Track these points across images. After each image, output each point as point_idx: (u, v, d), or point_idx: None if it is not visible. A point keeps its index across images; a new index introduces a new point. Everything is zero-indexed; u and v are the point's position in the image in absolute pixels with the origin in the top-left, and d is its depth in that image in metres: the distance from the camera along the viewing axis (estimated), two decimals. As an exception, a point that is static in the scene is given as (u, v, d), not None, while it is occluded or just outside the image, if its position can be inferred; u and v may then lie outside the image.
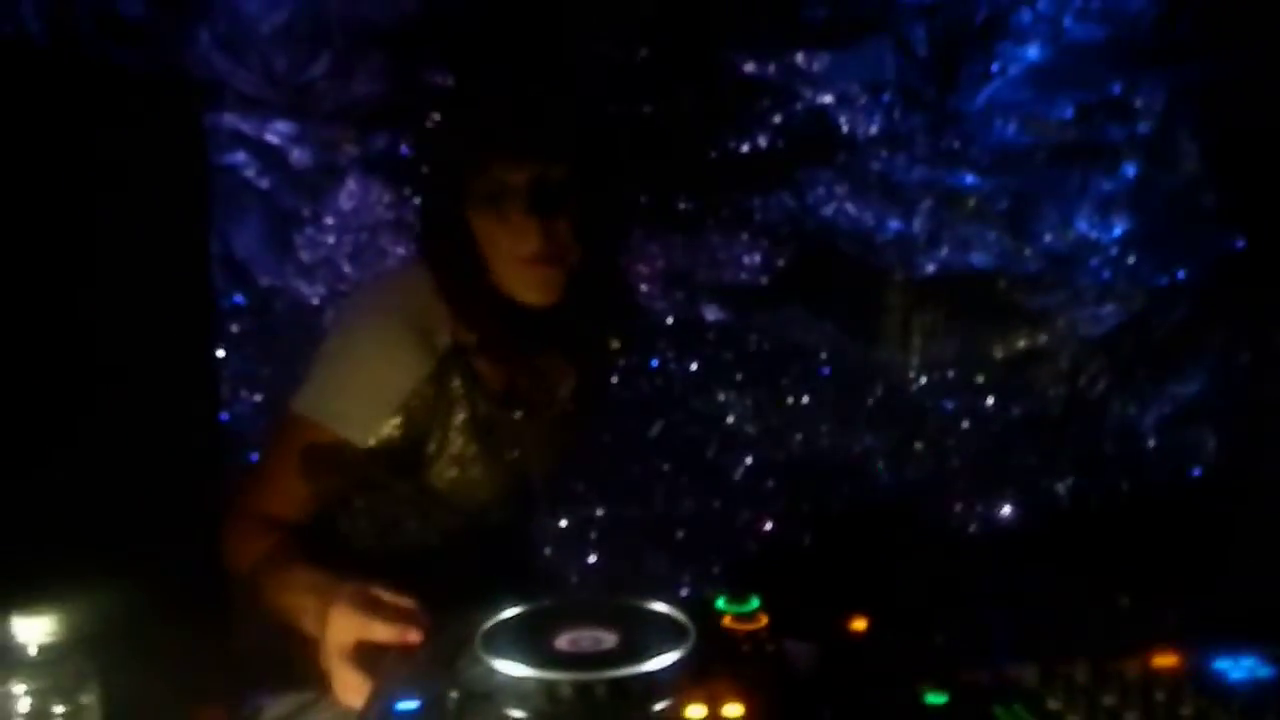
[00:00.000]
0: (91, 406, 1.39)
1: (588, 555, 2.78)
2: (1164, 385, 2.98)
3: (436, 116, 1.44)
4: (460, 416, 1.33)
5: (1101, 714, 0.85)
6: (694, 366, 2.84)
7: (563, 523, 2.79)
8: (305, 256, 2.66)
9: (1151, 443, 2.91)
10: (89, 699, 0.87)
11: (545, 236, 1.24)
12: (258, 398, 2.65)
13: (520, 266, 1.27)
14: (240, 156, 2.62)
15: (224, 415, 2.60)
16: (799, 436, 2.86)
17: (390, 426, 1.28)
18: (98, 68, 1.93)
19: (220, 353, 2.57)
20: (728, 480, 2.86)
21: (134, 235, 1.49)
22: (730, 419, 2.88)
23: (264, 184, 2.64)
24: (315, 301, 2.66)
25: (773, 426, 2.86)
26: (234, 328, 2.63)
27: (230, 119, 2.60)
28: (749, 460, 2.87)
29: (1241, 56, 2.82)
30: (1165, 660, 0.96)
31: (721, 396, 2.86)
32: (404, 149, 2.70)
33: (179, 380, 1.60)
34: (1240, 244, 2.90)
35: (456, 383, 1.32)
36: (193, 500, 1.53)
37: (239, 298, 2.64)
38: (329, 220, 2.67)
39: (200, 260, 1.71)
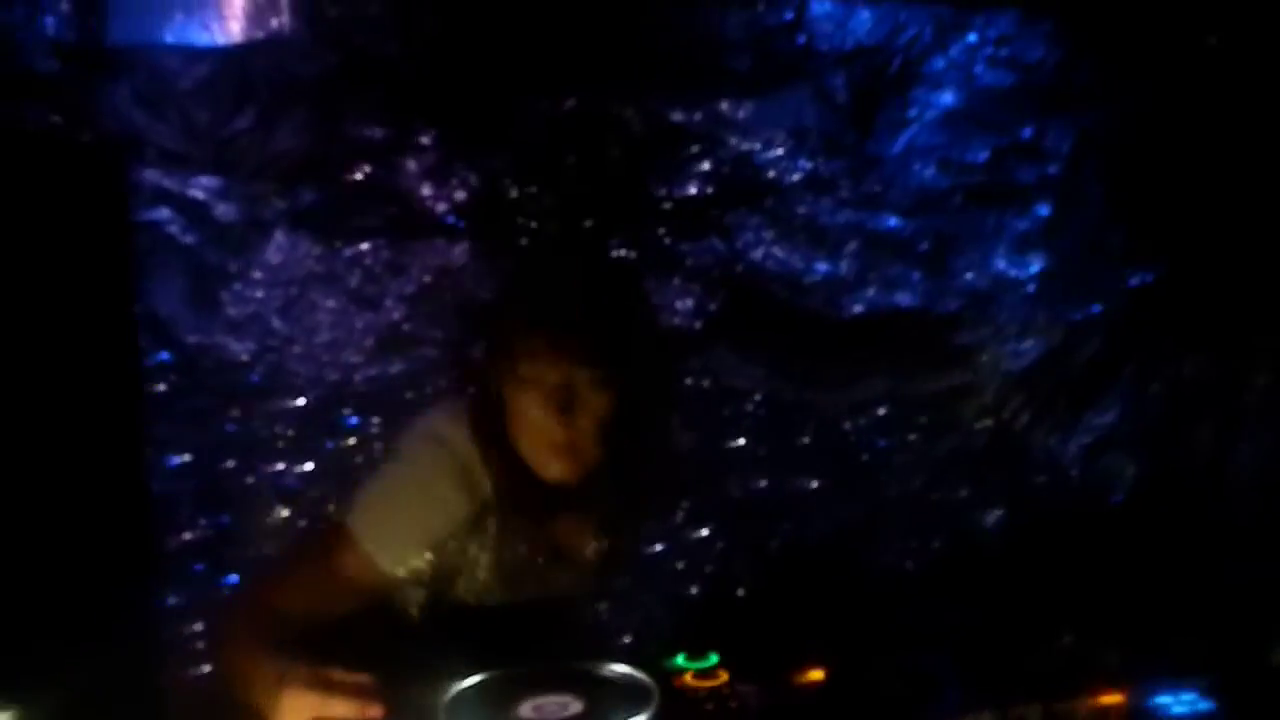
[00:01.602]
0: (10, 478, 1.35)
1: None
2: (1083, 416, 3.08)
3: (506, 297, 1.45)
4: (487, 559, 1.36)
5: (1056, 756, 0.87)
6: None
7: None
8: (233, 312, 2.61)
9: (1074, 472, 3.00)
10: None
11: (568, 430, 1.27)
12: (186, 457, 2.58)
13: (544, 451, 1.30)
14: (164, 213, 2.56)
15: (150, 476, 2.53)
16: (734, 479, 2.89)
17: (422, 562, 1.31)
18: (11, 127, 1.89)
19: (145, 411, 2.50)
20: (665, 525, 2.87)
21: (53, 295, 1.45)
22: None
23: (188, 240, 2.59)
24: (244, 358, 2.61)
25: (709, 470, 2.88)
26: (160, 387, 2.56)
27: (152, 175, 2.55)
28: (685, 504, 2.89)
29: (1142, 100, 2.96)
30: (1111, 699, 0.99)
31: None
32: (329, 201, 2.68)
33: (103, 447, 1.56)
34: (1149, 278, 3.03)
35: (490, 531, 1.35)
36: (121, 565, 1.48)
37: (164, 355, 2.57)
38: (256, 275, 2.63)
39: (124, 319, 1.67)
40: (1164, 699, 0.98)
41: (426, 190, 2.76)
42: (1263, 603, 1.20)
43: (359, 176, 2.71)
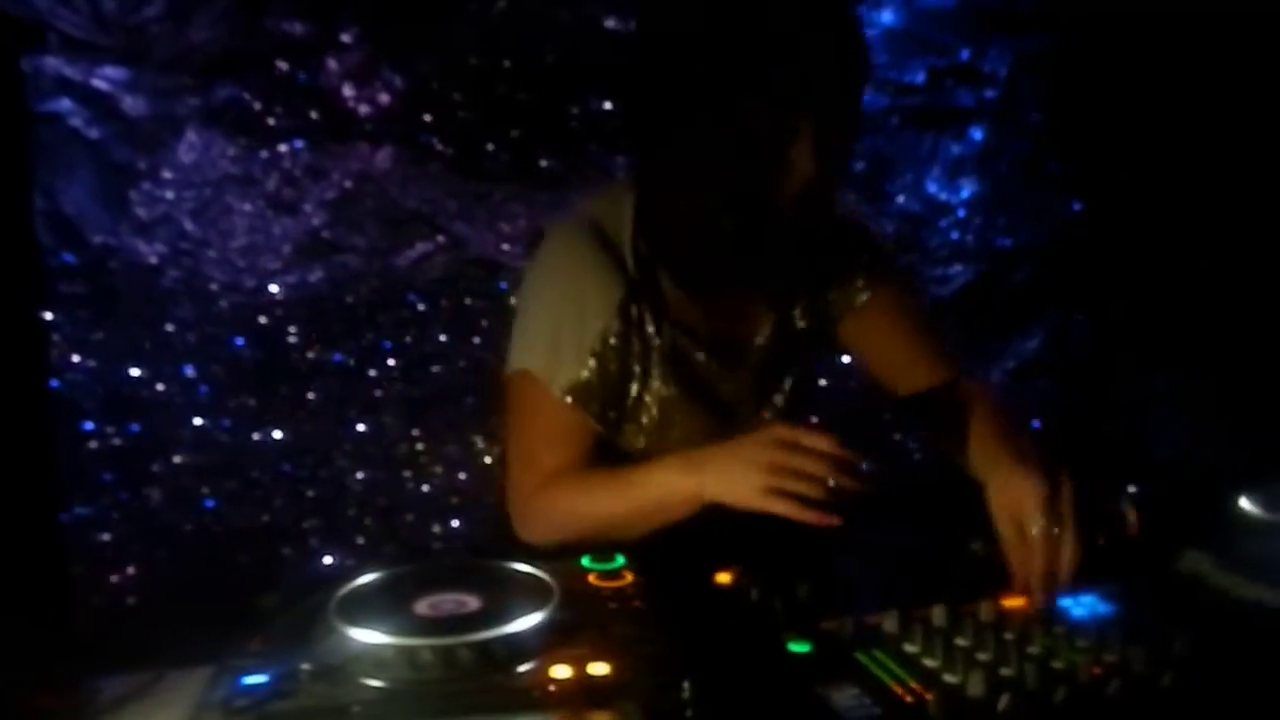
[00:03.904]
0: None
1: (450, 520, 2.73)
2: (1009, 342, 3.11)
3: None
4: (654, 351, 1.28)
5: (956, 654, 0.87)
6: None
7: (425, 488, 2.74)
8: (142, 213, 2.49)
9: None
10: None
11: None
12: (92, 363, 2.48)
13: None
14: (65, 104, 2.42)
15: (54, 382, 2.44)
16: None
17: (588, 370, 1.24)
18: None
19: (49, 315, 2.40)
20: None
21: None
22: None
23: (94, 134, 2.46)
24: (154, 261, 2.51)
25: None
26: (64, 288, 2.45)
27: (54, 63, 2.40)
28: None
29: (1082, 29, 2.94)
30: (1015, 602, 1.00)
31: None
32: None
33: (3, 346, 1.48)
34: (1079, 208, 3.04)
35: (647, 313, 1.26)
36: (24, 476, 1.42)
37: (69, 256, 2.45)
38: (167, 175, 2.51)
39: (22, 215, 1.58)
40: (1065, 602, 0.99)
41: (349, 91, 2.65)
42: (1172, 517, 1.21)
43: (278, 74, 2.59)
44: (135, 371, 2.52)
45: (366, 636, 0.84)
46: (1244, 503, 1.17)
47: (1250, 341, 2.87)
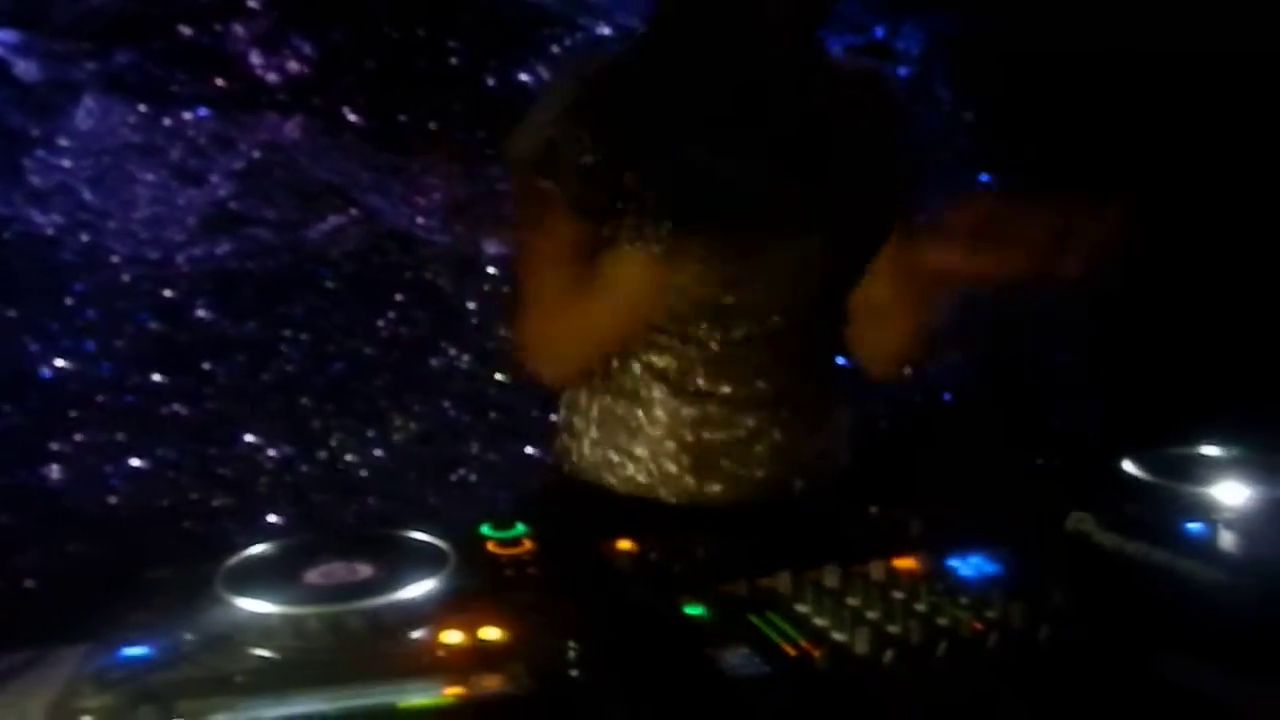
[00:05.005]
0: None
1: (366, 494, 2.70)
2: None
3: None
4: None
5: (846, 613, 0.89)
6: (472, 304, 2.78)
7: (339, 465, 2.70)
8: (37, 181, 2.41)
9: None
10: None
11: None
12: (-14, 338, 2.40)
13: None
14: (-47, 67, 2.33)
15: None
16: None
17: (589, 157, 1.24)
18: None
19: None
20: (508, 413, 2.84)
21: None
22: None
23: (-16, 99, 2.37)
24: (50, 232, 2.42)
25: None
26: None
27: (-60, 24, 2.30)
28: (528, 389, 2.86)
29: (993, 9, 2.99)
30: (905, 563, 1.02)
31: (504, 332, 2.82)
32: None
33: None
34: (989, 183, 3.11)
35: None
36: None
37: (-42, 226, 2.36)
38: (64, 142, 2.42)
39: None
40: (954, 562, 1.01)
41: (257, 59, 2.58)
42: (1063, 481, 1.25)
43: (182, 39, 2.51)
44: (33, 347, 2.44)
45: (253, 606, 0.82)
46: (1127, 465, 1.21)
47: (1142, 317, 2.96)
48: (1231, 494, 1.12)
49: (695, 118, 1.27)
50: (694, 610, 0.92)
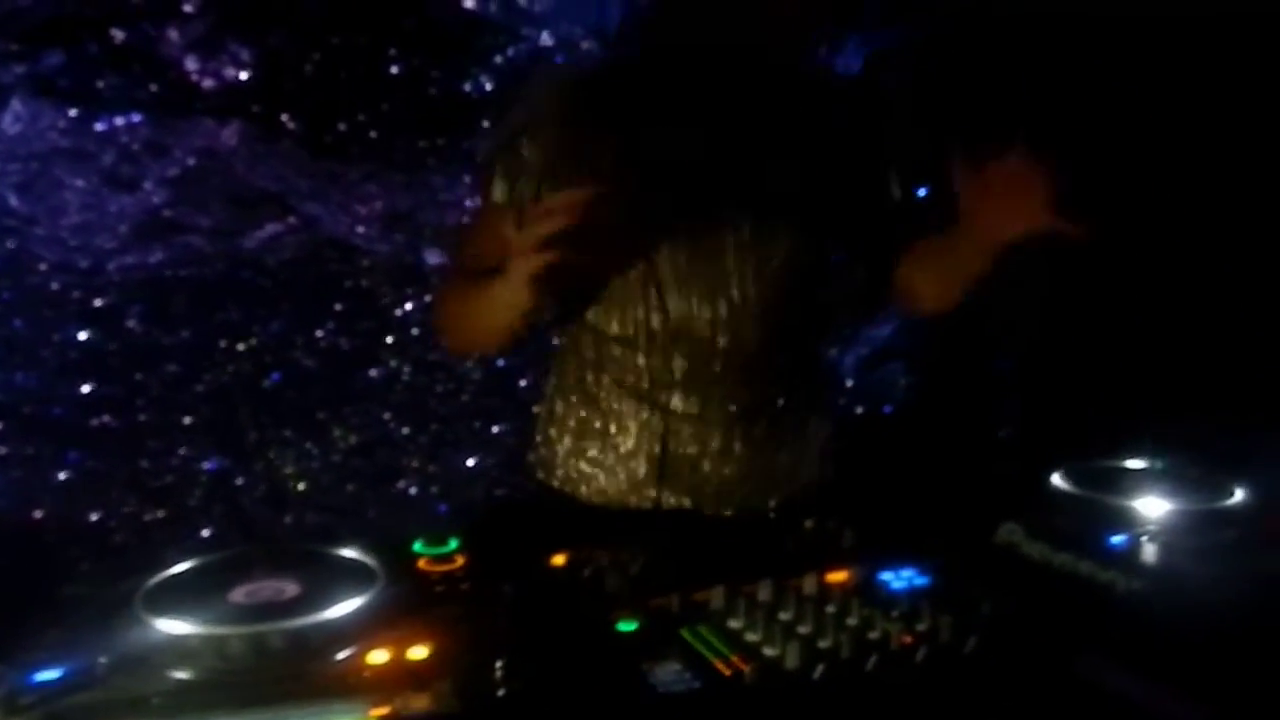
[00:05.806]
0: None
1: (302, 509, 2.66)
2: (861, 330, 3.21)
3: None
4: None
5: (778, 628, 0.89)
6: (410, 308, 2.76)
7: (274, 478, 2.65)
8: (-39, 187, 2.34)
9: (849, 383, 3.14)
10: None
11: None
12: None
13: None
14: None
15: None
16: (523, 382, 2.86)
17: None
18: None
19: None
20: (448, 425, 2.82)
21: None
22: (455, 365, 2.83)
23: (-95, 101, 2.29)
24: (-25, 239, 2.35)
25: (496, 369, 2.83)
26: None
27: None
28: (470, 401, 2.84)
29: (930, 24, 3.04)
30: (837, 576, 1.02)
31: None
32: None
33: None
34: (922, 194, 3.14)
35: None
36: None
37: (-124, 233, 2.29)
38: (-11, 146, 2.36)
39: None
40: (886, 575, 1.02)
41: (193, 64, 2.53)
42: (995, 494, 1.27)
43: (114, 43, 2.46)
44: (-45, 356, 2.37)
45: (172, 626, 0.80)
46: (1055, 479, 1.23)
47: (1084, 328, 3.02)
48: (1153, 507, 1.15)
49: (659, 131, 1.30)
50: (626, 625, 0.92)
